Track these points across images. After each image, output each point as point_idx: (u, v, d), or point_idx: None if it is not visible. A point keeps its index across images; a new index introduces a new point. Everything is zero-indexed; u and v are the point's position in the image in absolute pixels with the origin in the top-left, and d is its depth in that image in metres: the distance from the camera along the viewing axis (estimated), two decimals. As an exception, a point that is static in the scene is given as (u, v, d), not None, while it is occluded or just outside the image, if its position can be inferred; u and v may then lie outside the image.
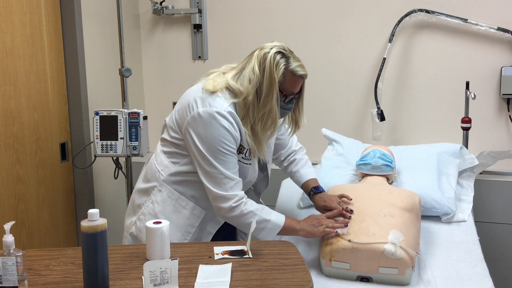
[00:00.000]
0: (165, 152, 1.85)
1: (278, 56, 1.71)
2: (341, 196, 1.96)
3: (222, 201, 1.72)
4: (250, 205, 1.74)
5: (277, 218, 1.76)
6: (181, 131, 1.77)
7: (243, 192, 1.75)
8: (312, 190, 2.00)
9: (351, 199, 1.93)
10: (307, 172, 2.07)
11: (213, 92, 1.73)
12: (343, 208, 1.85)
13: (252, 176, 1.88)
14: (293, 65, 1.72)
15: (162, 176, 1.83)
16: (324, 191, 2.01)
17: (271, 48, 1.72)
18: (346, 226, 1.77)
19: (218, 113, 1.68)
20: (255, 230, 1.68)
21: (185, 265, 1.48)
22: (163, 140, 1.88)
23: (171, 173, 1.82)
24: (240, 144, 1.76)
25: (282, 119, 1.88)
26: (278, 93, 1.72)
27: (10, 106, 2.33)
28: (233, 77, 1.76)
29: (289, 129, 1.94)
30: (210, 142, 1.69)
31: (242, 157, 1.80)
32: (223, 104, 1.70)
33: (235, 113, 1.72)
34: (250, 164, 1.84)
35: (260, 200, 2.10)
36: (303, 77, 1.76)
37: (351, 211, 1.85)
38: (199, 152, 1.71)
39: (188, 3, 3.11)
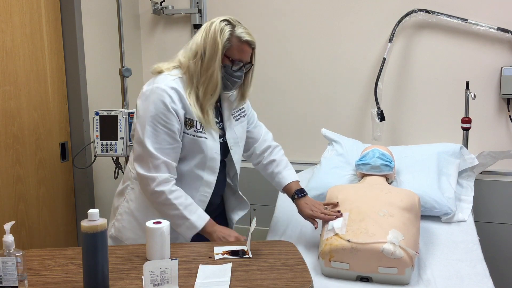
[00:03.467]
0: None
1: (224, 23, 1.74)
2: (327, 204, 1.93)
3: (145, 183, 1.73)
4: (176, 196, 1.72)
5: (197, 220, 1.74)
6: None
7: (167, 175, 1.72)
8: (296, 193, 1.96)
9: (338, 205, 1.92)
10: (290, 174, 2.02)
11: (159, 73, 1.79)
12: (330, 213, 1.86)
13: (214, 152, 1.82)
14: (239, 31, 1.75)
15: (133, 174, 1.84)
16: (307, 194, 1.98)
17: (218, 18, 1.77)
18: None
19: (158, 87, 1.72)
20: (173, 224, 1.69)
21: (185, 265, 1.49)
22: (132, 138, 1.91)
23: None
24: (187, 117, 1.76)
25: (233, 91, 1.88)
26: (220, 59, 1.73)
27: (10, 106, 2.33)
28: (182, 53, 1.81)
29: (235, 102, 1.92)
30: (145, 114, 1.72)
31: (194, 130, 1.77)
32: (166, 79, 1.75)
33: (179, 87, 1.74)
34: (206, 138, 1.80)
35: (240, 194, 2.05)
36: (250, 44, 1.77)
37: (339, 212, 1.85)
38: (135, 127, 1.76)
39: (188, 3, 3.11)
